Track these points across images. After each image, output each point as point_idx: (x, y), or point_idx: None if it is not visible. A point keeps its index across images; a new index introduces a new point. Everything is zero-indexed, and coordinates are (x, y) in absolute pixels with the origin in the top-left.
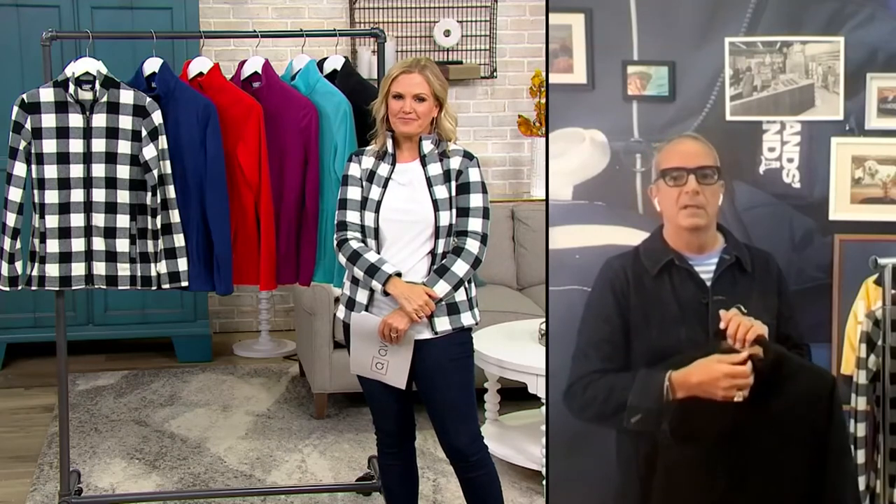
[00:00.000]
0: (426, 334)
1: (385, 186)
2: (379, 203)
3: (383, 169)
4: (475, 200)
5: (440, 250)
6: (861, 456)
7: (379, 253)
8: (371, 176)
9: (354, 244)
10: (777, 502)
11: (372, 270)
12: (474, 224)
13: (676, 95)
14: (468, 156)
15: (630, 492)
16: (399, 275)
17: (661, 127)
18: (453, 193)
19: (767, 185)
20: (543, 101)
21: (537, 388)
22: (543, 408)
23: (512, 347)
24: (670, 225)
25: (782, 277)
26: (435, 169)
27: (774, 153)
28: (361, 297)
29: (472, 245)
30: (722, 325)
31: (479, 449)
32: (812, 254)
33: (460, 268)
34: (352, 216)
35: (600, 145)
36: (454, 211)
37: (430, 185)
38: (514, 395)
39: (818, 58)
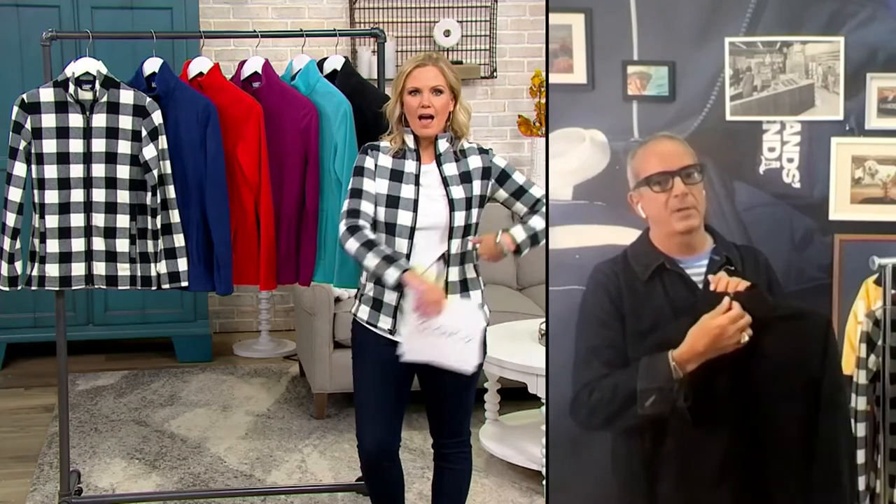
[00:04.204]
0: None
1: (418, 184)
2: (416, 202)
3: (410, 166)
4: (518, 178)
5: (453, 251)
6: (861, 456)
7: (408, 257)
8: (394, 174)
9: (369, 233)
10: (781, 448)
11: (389, 259)
12: (536, 191)
13: (676, 95)
14: (483, 150)
15: (631, 490)
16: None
17: (661, 127)
18: (477, 192)
19: (767, 185)
20: (543, 101)
21: (537, 388)
22: (543, 408)
23: (512, 347)
24: (660, 229)
25: (772, 273)
26: (451, 169)
27: (774, 153)
28: (390, 297)
29: (538, 222)
30: (711, 288)
31: (463, 447)
32: (812, 254)
33: (530, 229)
34: (366, 206)
35: (600, 145)
36: (474, 211)
37: (446, 184)
38: (514, 395)
39: (818, 58)
